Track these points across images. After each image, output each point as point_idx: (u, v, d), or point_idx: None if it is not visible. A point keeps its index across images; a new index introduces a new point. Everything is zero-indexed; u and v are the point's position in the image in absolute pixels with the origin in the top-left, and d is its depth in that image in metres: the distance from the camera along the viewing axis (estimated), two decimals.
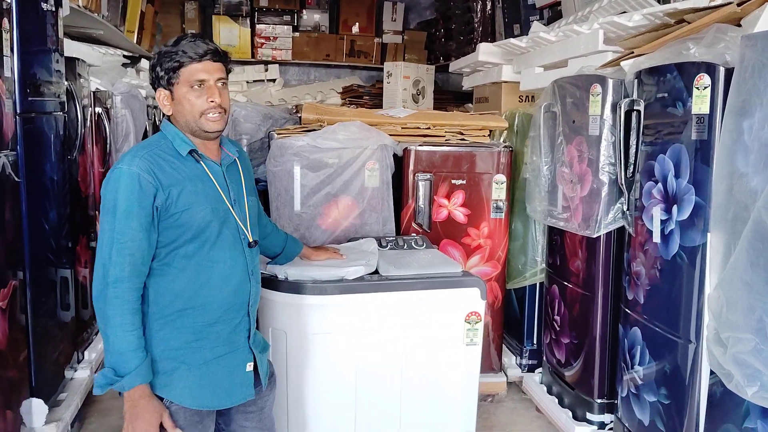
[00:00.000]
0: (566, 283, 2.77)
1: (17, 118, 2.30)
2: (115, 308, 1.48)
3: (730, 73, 1.80)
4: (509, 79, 3.67)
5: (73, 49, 3.24)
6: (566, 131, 2.63)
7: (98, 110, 3.43)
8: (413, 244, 2.57)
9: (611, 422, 2.57)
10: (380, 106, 5.06)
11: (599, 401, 2.59)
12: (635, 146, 2.29)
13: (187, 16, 6.23)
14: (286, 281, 2.09)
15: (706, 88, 1.89)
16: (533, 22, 4.07)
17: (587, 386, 2.63)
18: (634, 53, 2.38)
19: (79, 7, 3.25)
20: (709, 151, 1.89)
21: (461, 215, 3.02)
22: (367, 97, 5.72)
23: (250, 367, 1.69)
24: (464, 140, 3.06)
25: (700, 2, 2.12)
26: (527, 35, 3.42)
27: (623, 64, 2.44)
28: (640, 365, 2.26)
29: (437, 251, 2.59)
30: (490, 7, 4.97)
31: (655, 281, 2.18)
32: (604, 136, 2.39)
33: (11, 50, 2.25)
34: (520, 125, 3.26)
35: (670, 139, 2.08)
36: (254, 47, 6.29)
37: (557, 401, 2.83)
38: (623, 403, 2.40)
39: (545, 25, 3.86)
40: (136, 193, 1.49)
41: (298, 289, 2.08)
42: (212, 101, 1.58)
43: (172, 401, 1.57)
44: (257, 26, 6.29)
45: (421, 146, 2.94)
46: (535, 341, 3.26)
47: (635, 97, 2.29)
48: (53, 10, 2.67)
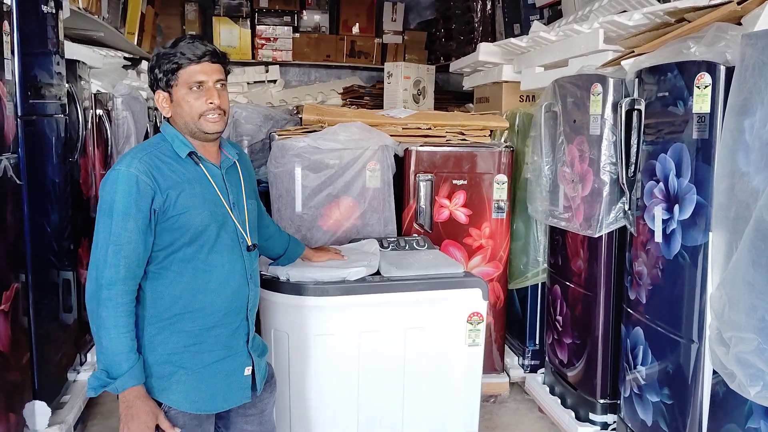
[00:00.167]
0: (568, 283, 2.76)
1: (18, 120, 2.30)
2: (108, 310, 1.46)
3: (730, 71, 1.79)
4: (510, 78, 3.67)
5: (73, 51, 3.24)
6: (567, 131, 2.63)
7: (99, 112, 3.43)
8: (415, 244, 2.57)
9: (614, 422, 2.56)
10: (381, 106, 5.06)
11: (602, 401, 2.59)
12: (636, 145, 2.28)
13: (187, 17, 6.23)
14: (287, 283, 2.09)
15: (706, 87, 1.89)
16: (533, 21, 4.07)
17: (590, 386, 2.62)
18: (634, 52, 2.37)
19: (79, 9, 3.25)
20: (710, 150, 1.89)
21: (463, 216, 3.01)
22: (367, 97, 5.72)
23: (248, 371, 1.68)
24: (465, 140, 3.05)
25: (700, 1, 2.11)
26: (527, 35, 3.42)
27: (624, 63, 2.44)
28: (642, 365, 2.26)
29: (439, 252, 2.58)
30: (490, 6, 4.96)
31: (657, 281, 2.17)
32: (605, 135, 2.39)
33: (12, 53, 2.25)
34: (520, 125, 3.25)
35: (671, 138, 2.08)
36: (254, 48, 6.29)
37: (560, 402, 2.83)
38: (626, 403, 2.40)
39: (545, 24, 3.86)
40: (133, 194, 1.48)
41: (299, 290, 2.07)
42: (211, 103, 1.57)
43: (170, 406, 1.56)
44: (257, 27, 6.29)
45: (422, 147, 2.94)
46: (537, 341, 3.25)
47: (636, 96, 2.29)
48: (53, 12, 2.67)
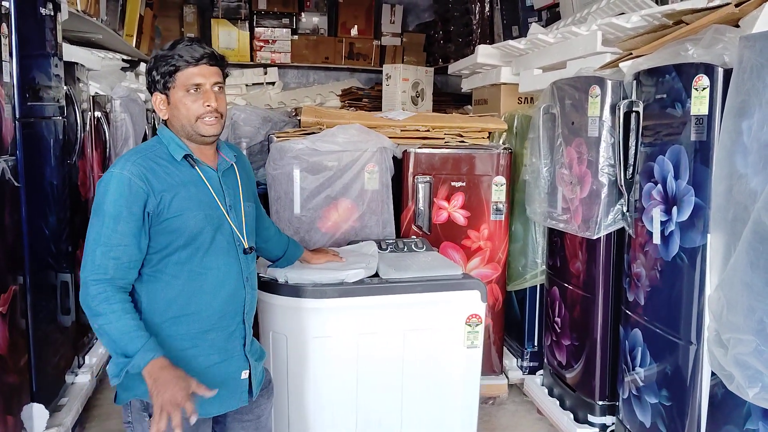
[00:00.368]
0: (566, 284, 2.76)
1: (16, 122, 2.29)
2: (101, 303, 1.45)
3: (728, 73, 1.80)
4: (508, 80, 3.67)
5: (72, 53, 3.24)
6: (565, 133, 2.63)
7: (97, 114, 3.44)
8: (413, 246, 2.57)
9: (613, 424, 2.56)
10: (379, 108, 5.07)
11: (600, 403, 2.59)
12: (634, 147, 2.28)
13: (185, 19, 6.25)
14: (286, 284, 2.09)
15: (704, 89, 1.89)
16: (531, 23, 4.07)
17: (588, 388, 2.62)
18: (632, 54, 2.38)
19: (77, 11, 3.25)
20: (708, 152, 1.89)
21: (461, 217, 3.01)
22: (366, 99, 5.73)
23: (245, 375, 1.68)
24: (463, 142, 3.05)
25: (698, 3, 2.12)
26: (526, 37, 3.42)
27: (622, 65, 2.44)
28: (641, 367, 2.26)
29: (437, 254, 2.58)
30: (488, 9, 4.97)
31: (655, 282, 2.17)
32: (603, 137, 2.39)
33: (10, 55, 2.25)
34: (519, 127, 3.26)
35: (669, 140, 2.08)
36: (253, 50, 6.30)
37: (558, 403, 2.83)
38: (625, 404, 2.40)
39: (544, 26, 3.87)
40: (124, 197, 1.48)
41: (298, 292, 2.07)
42: (208, 105, 1.56)
43: None
44: (256, 29, 6.30)
45: (420, 148, 2.94)
46: (535, 343, 3.25)
47: (634, 98, 2.29)
48: (52, 14, 2.67)
